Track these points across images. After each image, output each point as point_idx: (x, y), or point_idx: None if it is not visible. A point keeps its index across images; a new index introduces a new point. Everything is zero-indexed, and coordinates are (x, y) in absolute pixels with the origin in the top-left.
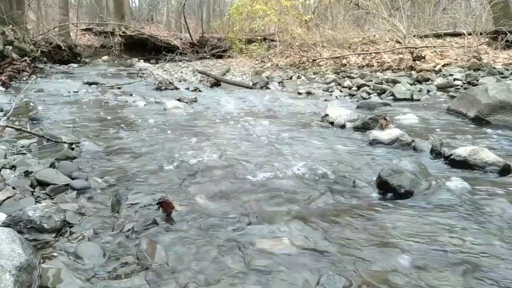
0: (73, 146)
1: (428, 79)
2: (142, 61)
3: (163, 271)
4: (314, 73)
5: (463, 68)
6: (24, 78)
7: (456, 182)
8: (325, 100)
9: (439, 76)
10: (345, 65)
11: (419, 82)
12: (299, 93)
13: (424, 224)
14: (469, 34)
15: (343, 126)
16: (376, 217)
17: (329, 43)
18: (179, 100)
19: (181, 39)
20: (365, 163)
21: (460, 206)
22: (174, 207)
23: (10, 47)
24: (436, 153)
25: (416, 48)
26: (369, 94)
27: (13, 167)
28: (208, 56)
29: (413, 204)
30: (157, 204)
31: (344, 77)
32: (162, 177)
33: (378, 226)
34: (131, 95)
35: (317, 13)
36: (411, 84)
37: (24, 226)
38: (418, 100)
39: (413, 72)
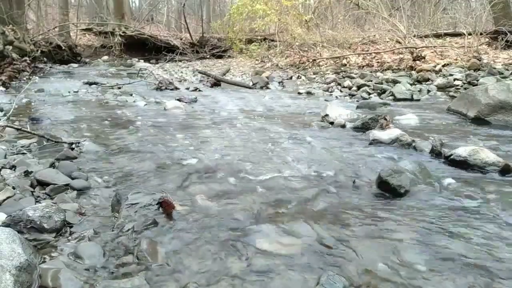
0: (73, 146)
1: (428, 79)
2: (142, 61)
3: (163, 271)
4: (314, 73)
5: (463, 68)
6: (24, 78)
7: (456, 182)
8: (325, 100)
9: (439, 76)
10: (345, 65)
11: (419, 82)
12: (299, 93)
13: (424, 225)
14: (469, 34)
15: (343, 126)
16: (376, 217)
17: (329, 43)
18: (179, 100)
19: (181, 39)
20: (365, 163)
21: (460, 206)
22: (174, 207)
23: (10, 47)
24: (436, 153)
25: (416, 48)
26: (369, 94)
27: (13, 167)
28: (208, 56)
29: (413, 204)
30: (157, 204)
31: (344, 77)
32: (162, 177)
33: (378, 226)
34: (131, 95)
35: (317, 13)
36: (411, 84)
37: (24, 226)
38: (418, 100)
39: (413, 72)
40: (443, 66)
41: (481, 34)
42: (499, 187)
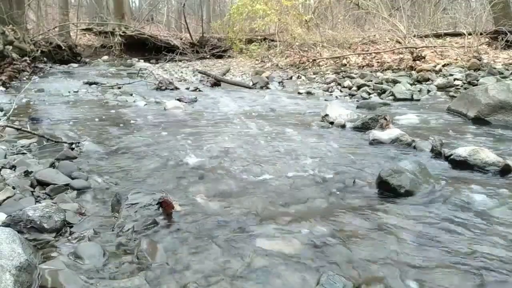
0: (73, 146)
1: (428, 79)
2: (142, 61)
3: (163, 271)
4: (314, 73)
5: (463, 68)
6: (24, 78)
7: (456, 182)
8: (325, 100)
9: (439, 76)
10: (345, 65)
11: (419, 82)
12: (299, 93)
13: (424, 224)
14: (469, 34)
15: (343, 126)
16: (376, 217)
17: (329, 43)
18: (179, 100)
19: (181, 39)
20: (365, 163)
21: (460, 206)
22: (174, 207)
23: (10, 47)
24: (436, 153)
25: (416, 48)
26: (369, 94)
27: (13, 167)
28: (208, 56)
29: (413, 204)
30: (157, 204)
31: (344, 77)
32: (162, 177)
33: (378, 226)
34: (131, 95)
35: (317, 13)
36: (411, 84)
37: (24, 226)
38: (418, 100)
39: (413, 72)
40: (443, 66)
41: (481, 34)
42: (499, 187)
